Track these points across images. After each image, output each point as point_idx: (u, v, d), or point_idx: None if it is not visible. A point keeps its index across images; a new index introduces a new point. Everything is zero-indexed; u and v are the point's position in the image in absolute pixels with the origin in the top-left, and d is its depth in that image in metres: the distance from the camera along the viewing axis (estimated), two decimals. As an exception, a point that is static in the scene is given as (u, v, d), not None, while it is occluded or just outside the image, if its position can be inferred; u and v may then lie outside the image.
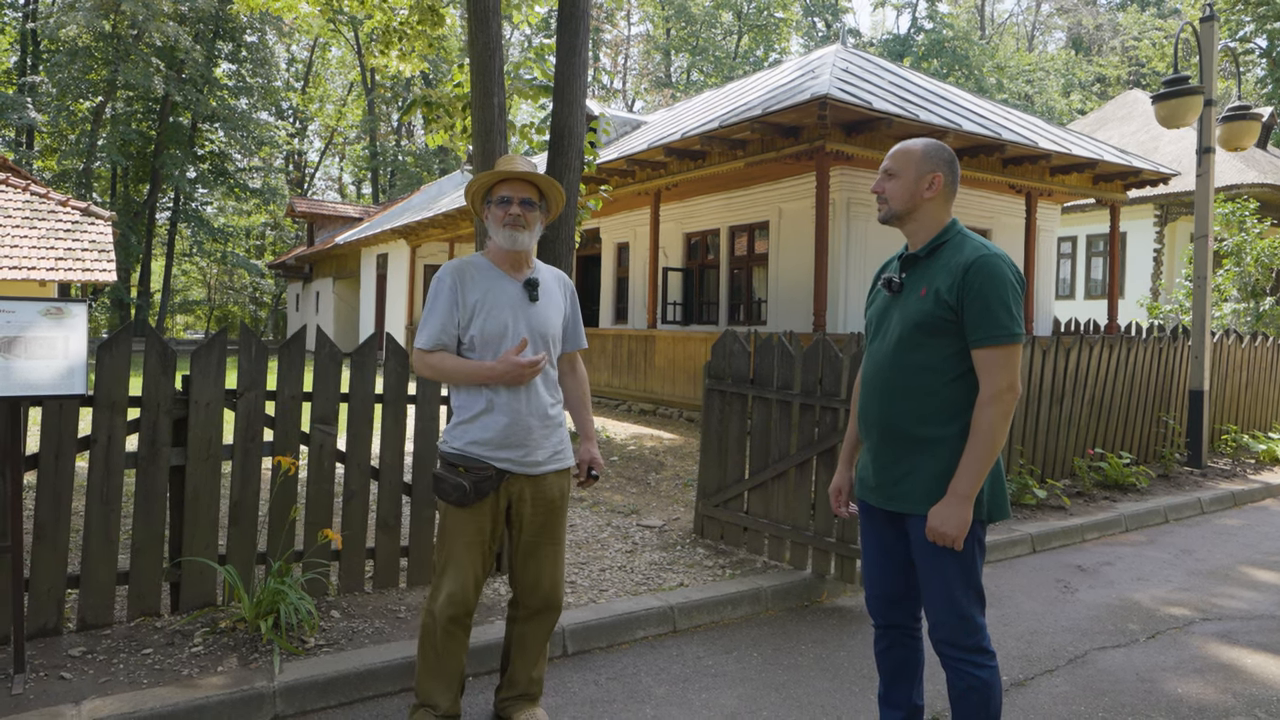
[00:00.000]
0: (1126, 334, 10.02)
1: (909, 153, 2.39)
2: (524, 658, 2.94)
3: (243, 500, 3.75)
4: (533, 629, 2.92)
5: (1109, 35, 46.60)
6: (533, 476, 2.78)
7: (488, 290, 2.76)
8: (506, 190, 2.78)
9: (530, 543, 2.83)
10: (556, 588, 2.90)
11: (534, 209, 2.79)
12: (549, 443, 2.80)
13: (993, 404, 2.25)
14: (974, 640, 2.34)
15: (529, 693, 2.96)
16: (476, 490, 2.69)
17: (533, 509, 2.80)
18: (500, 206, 2.77)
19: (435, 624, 2.76)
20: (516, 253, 2.81)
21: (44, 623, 3.36)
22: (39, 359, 2.93)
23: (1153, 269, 17.66)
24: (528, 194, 2.79)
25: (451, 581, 2.74)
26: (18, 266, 12.25)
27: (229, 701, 2.96)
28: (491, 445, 2.72)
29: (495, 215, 2.78)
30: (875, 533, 2.52)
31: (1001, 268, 2.27)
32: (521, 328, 2.75)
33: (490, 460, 2.72)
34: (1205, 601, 4.62)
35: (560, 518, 2.87)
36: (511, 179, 2.79)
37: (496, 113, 8.32)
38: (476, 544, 2.75)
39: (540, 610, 2.89)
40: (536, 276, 2.85)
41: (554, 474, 2.84)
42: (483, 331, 2.72)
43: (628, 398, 11.86)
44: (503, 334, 2.73)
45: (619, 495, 6.50)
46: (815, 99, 8.09)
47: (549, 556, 2.86)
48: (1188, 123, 7.98)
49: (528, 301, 2.79)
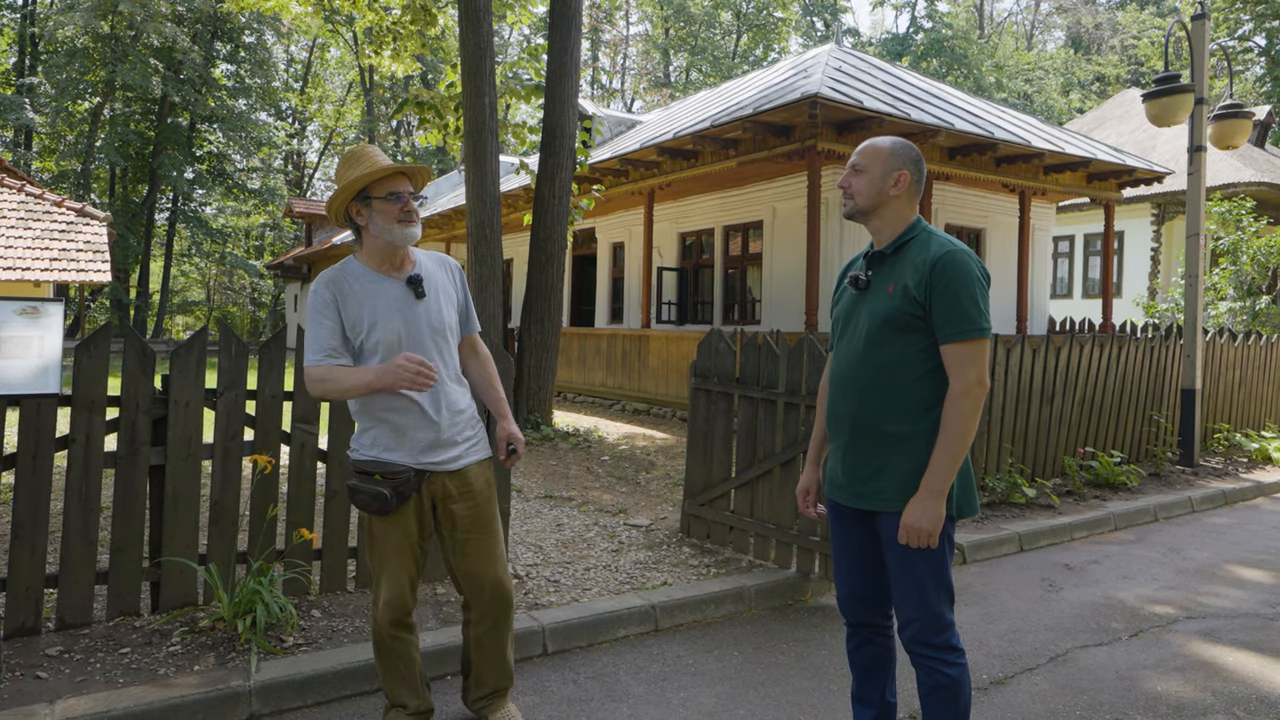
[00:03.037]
0: (1120, 333, 10.01)
1: (876, 149, 2.39)
2: (484, 658, 2.87)
3: (223, 499, 3.75)
4: (488, 629, 2.84)
5: (1108, 34, 46.59)
6: (454, 472, 2.73)
7: (370, 298, 2.63)
8: (393, 186, 2.63)
9: (464, 539, 2.76)
10: (500, 579, 2.81)
11: (417, 199, 2.69)
12: (463, 435, 2.75)
13: (963, 399, 2.25)
14: (943, 638, 2.34)
15: (499, 687, 2.91)
16: (398, 495, 2.63)
17: (460, 504, 2.74)
18: (390, 202, 2.61)
19: (382, 631, 2.75)
20: (397, 250, 2.68)
21: (22, 622, 3.36)
22: (13, 358, 2.93)
23: (1150, 268, 17.65)
24: (410, 185, 2.68)
25: (387, 589, 2.71)
26: (12, 267, 12.26)
27: (204, 700, 2.96)
28: (404, 449, 2.65)
29: (387, 212, 2.60)
30: (845, 532, 2.51)
31: (968, 263, 2.27)
32: (413, 329, 2.65)
33: (405, 463, 2.65)
34: (1190, 600, 4.62)
35: (490, 508, 2.80)
36: (392, 174, 2.64)
37: (487, 112, 8.33)
38: (405, 548, 2.70)
39: (490, 607, 2.81)
40: (418, 271, 2.72)
41: (475, 465, 2.78)
42: (373, 341, 2.61)
43: (622, 397, 11.87)
44: (395, 340, 2.62)
45: (608, 495, 6.50)
46: (806, 98, 8.09)
47: (486, 549, 2.78)
48: (1179, 121, 7.97)
49: (413, 300, 2.67)
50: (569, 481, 6.96)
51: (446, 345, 2.76)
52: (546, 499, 6.26)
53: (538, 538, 5.15)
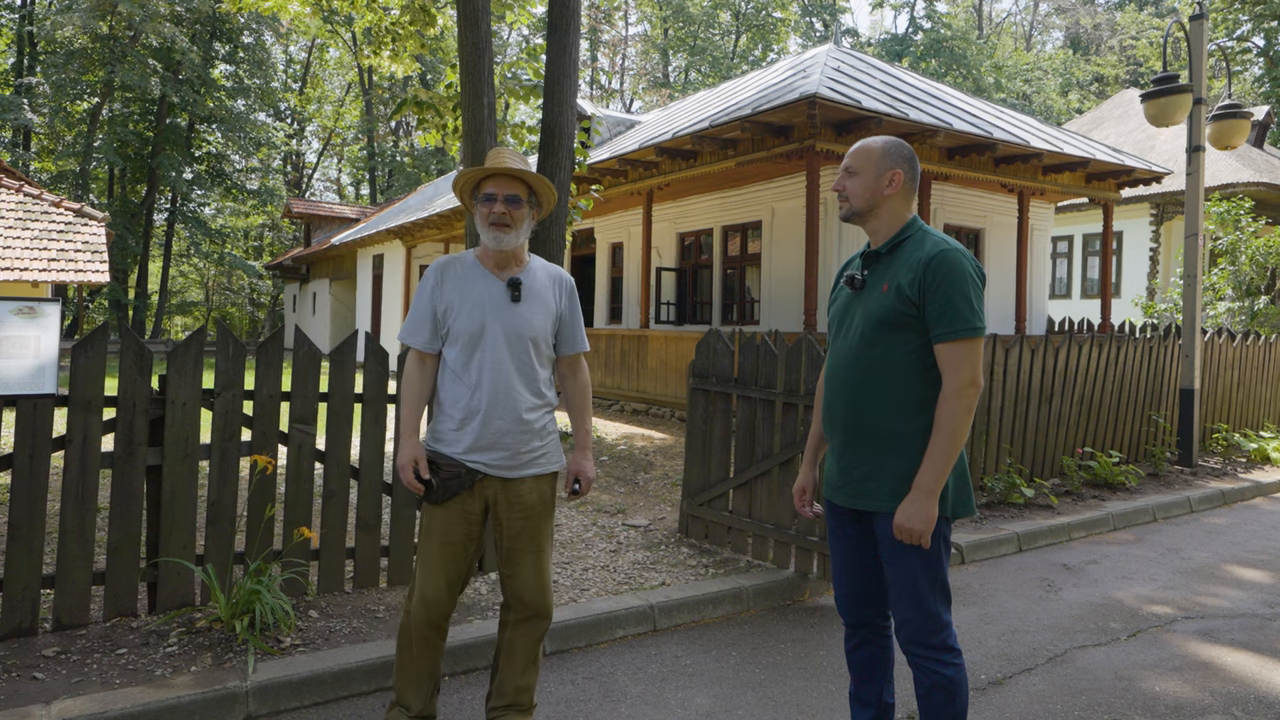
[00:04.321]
0: (1119, 333, 10.01)
1: (869, 150, 2.39)
2: (511, 665, 2.82)
3: (220, 500, 3.75)
4: (520, 636, 2.80)
5: (1107, 34, 46.61)
6: (507, 480, 2.70)
7: (467, 288, 2.70)
8: (491, 187, 2.69)
9: (510, 548, 2.74)
10: (540, 595, 2.77)
11: (521, 206, 2.69)
12: (527, 446, 2.71)
13: (957, 398, 2.25)
14: (940, 638, 2.33)
15: (517, 703, 2.80)
16: (444, 488, 2.65)
17: (509, 513, 2.71)
18: (484, 204, 2.68)
19: (411, 626, 2.74)
20: (502, 252, 2.73)
21: (18, 623, 3.36)
22: (10, 358, 2.93)
23: (1149, 268, 17.65)
24: (514, 190, 2.69)
25: (425, 582, 2.71)
26: (10, 268, 12.24)
27: (200, 701, 2.96)
28: (461, 445, 2.67)
29: (480, 213, 2.69)
30: (842, 532, 2.51)
31: (962, 262, 2.26)
32: (497, 328, 2.68)
33: (461, 459, 2.67)
34: (1189, 600, 4.61)
35: (540, 524, 2.76)
36: (498, 174, 2.69)
37: (486, 112, 8.32)
38: (447, 544, 2.70)
39: (527, 617, 2.78)
40: (521, 277, 2.75)
41: (533, 479, 2.73)
42: (457, 330, 2.68)
43: (621, 397, 11.86)
44: (478, 334, 2.67)
45: (606, 495, 6.49)
46: (804, 98, 8.09)
47: (530, 564, 2.75)
48: (1177, 121, 7.97)
49: (508, 302, 2.70)
50: (567, 482, 6.95)
51: (528, 353, 2.72)
52: (545, 499, 6.25)
53: (536, 538, 5.14)
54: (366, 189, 45.50)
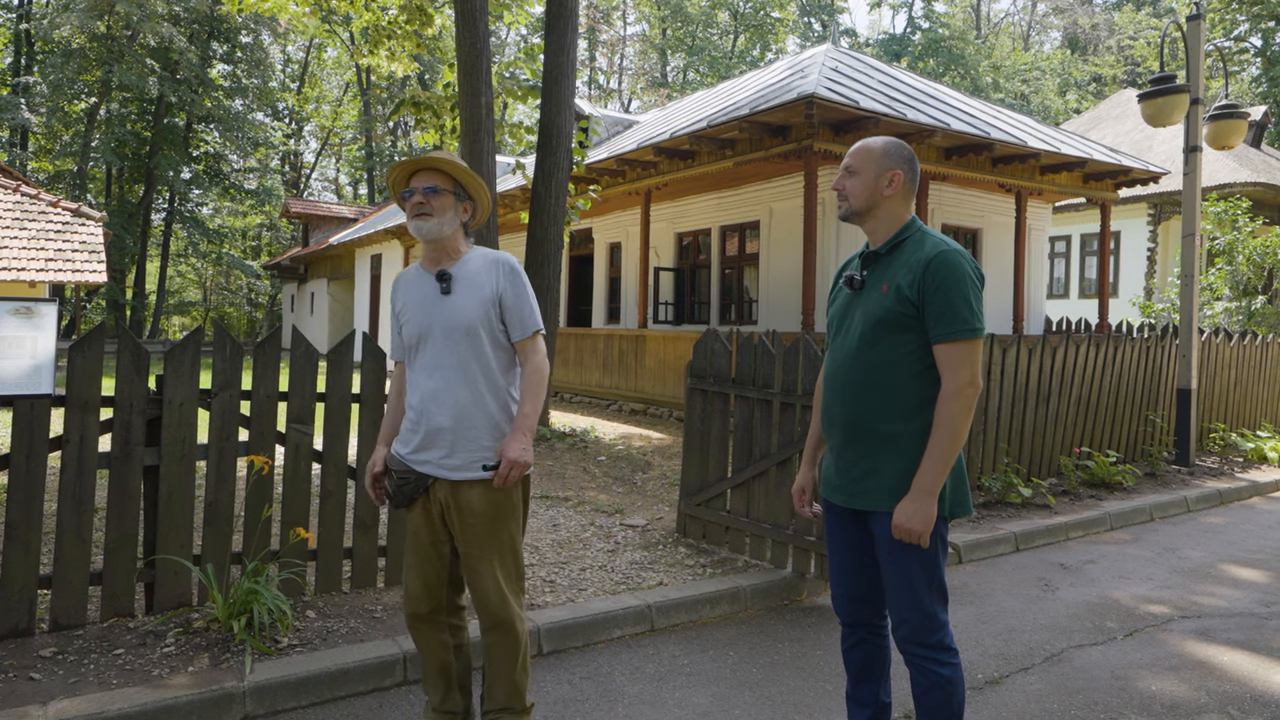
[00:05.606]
0: (1116, 333, 10.02)
1: (869, 150, 2.39)
2: (494, 671, 2.76)
3: (218, 500, 3.75)
4: (492, 645, 2.73)
5: (1105, 34, 46.66)
6: (456, 484, 2.62)
7: (411, 292, 2.74)
8: (414, 182, 2.68)
9: (465, 554, 2.67)
10: (500, 605, 2.65)
11: (439, 194, 2.63)
12: (474, 445, 2.61)
13: (955, 398, 2.25)
14: (937, 638, 2.34)
15: (509, 707, 2.72)
16: (399, 494, 2.69)
17: (459, 519, 2.63)
18: (405, 198, 2.68)
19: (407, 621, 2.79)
20: (431, 245, 2.70)
21: (15, 623, 3.36)
22: (6, 358, 2.92)
23: (1146, 268, 17.67)
24: (431, 181, 2.65)
25: (406, 581, 2.77)
26: (7, 268, 12.23)
27: (198, 701, 2.96)
28: (411, 446, 2.67)
29: (406, 210, 2.69)
30: (840, 531, 2.51)
31: (961, 263, 2.27)
32: (434, 325, 2.64)
33: (409, 460, 2.67)
34: (1185, 599, 4.62)
35: (491, 530, 2.63)
36: (418, 170, 2.68)
37: (484, 112, 8.32)
38: (416, 547, 2.73)
39: (490, 627, 2.69)
40: (450, 269, 2.67)
41: (482, 484, 2.62)
42: (407, 334, 2.72)
43: (619, 397, 11.86)
44: (423, 334, 2.66)
45: (604, 495, 6.50)
46: (802, 98, 8.09)
47: (486, 573, 2.64)
48: (1174, 121, 7.99)
49: (439, 295, 2.65)
50: (565, 482, 6.96)
51: (469, 345, 2.63)
52: (542, 499, 6.25)
53: (534, 538, 5.15)
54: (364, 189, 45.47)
